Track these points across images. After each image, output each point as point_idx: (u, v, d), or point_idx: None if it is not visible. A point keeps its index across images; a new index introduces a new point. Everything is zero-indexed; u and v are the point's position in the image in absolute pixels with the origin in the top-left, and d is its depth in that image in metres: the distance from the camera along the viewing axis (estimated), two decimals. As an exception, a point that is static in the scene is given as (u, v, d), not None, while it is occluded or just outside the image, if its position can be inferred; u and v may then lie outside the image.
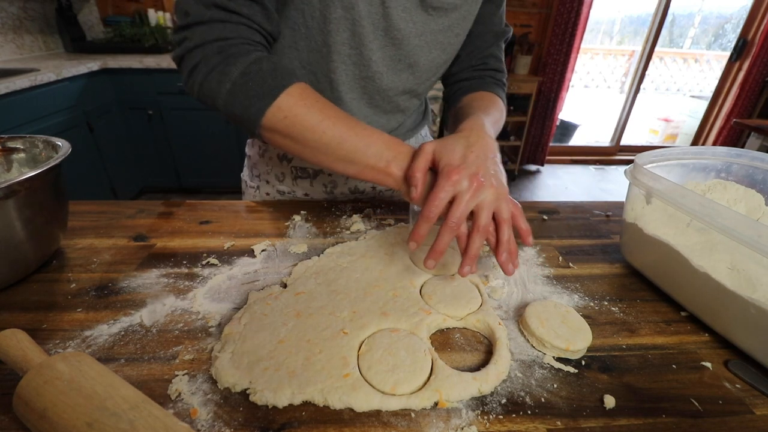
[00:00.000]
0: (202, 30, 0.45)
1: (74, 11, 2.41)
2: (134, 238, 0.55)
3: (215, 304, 0.43)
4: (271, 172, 0.73)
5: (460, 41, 0.63)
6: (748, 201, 0.53)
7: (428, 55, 0.60)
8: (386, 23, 0.54)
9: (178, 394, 0.33)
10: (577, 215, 0.68)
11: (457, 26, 0.60)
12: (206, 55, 0.46)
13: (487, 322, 0.41)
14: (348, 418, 0.32)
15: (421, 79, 0.64)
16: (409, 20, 0.55)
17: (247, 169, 0.79)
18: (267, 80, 0.45)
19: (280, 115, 0.46)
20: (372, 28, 0.54)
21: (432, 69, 0.63)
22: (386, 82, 0.61)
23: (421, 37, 0.57)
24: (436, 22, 0.57)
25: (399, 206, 0.67)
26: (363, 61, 0.57)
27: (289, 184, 0.73)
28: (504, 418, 0.32)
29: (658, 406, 0.34)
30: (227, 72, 0.45)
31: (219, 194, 2.61)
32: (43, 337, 0.38)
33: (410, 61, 0.60)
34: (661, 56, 5.34)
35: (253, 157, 0.75)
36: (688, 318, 0.45)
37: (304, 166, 0.71)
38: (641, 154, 0.53)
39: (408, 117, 0.73)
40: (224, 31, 0.45)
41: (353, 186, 0.74)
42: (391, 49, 0.57)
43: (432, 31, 0.58)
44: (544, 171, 3.52)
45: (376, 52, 0.57)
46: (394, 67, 0.60)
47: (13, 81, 1.57)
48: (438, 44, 0.60)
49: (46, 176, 0.44)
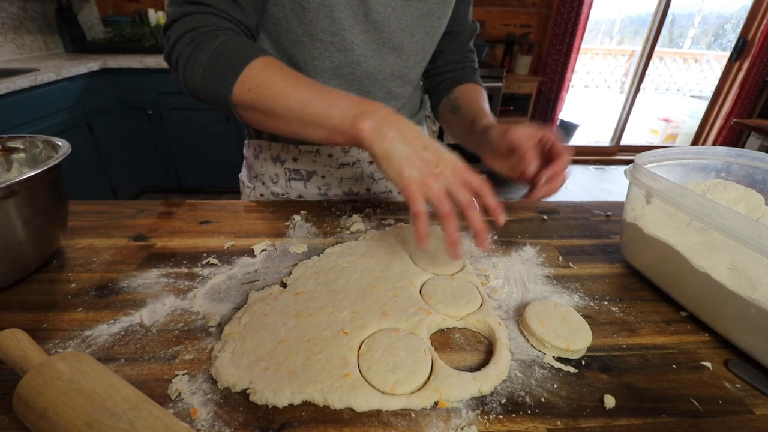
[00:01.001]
0: (177, 26, 0.49)
1: (74, 11, 2.41)
2: (134, 238, 0.55)
3: (215, 304, 0.43)
4: (266, 173, 0.73)
5: (442, 24, 0.64)
6: (748, 201, 0.53)
7: (412, 38, 0.61)
8: (365, 8, 0.55)
9: (178, 394, 0.33)
10: (577, 215, 0.68)
11: (438, 10, 0.61)
12: (181, 48, 0.48)
13: (487, 322, 0.41)
14: (348, 418, 0.32)
15: (408, 62, 0.64)
16: (388, 5, 0.56)
17: (245, 169, 0.79)
18: (231, 58, 0.47)
19: (244, 89, 0.47)
20: (351, 12, 0.55)
21: (419, 52, 0.64)
22: (372, 66, 0.61)
23: (401, 20, 0.58)
24: (415, 7, 0.58)
25: (399, 206, 0.67)
26: (346, 46, 0.58)
27: (282, 186, 0.73)
28: (504, 418, 0.32)
29: (658, 406, 0.34)
30: (198, 59, 0.48)
31: (219, 194, 2.61)
32: (43, 337, 0.38)
33: (394, 43, 0.60)
34: (661, 56, 5.34)
35: (249, 158, 0.75)
36: (688, 318, 0.45)
37: (297, 168, 0.71)
38: (641, 154, 0.53)
39: (403, 106, 0.72)
40: (193, 22, 0.48)
41: (347, 188, 0.74)
42: (373, 33, 0.58)
43: (412, 16, 0.59)
44: (544, 171, 3.51)
45: (358, 36, 0.57)
46: (378, 50, 0.60)
47: (13, 81, 1.57)
48: (421, 28, 0.61)
49: (46, 176, 0.44)
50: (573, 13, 2.87)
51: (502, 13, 2.93)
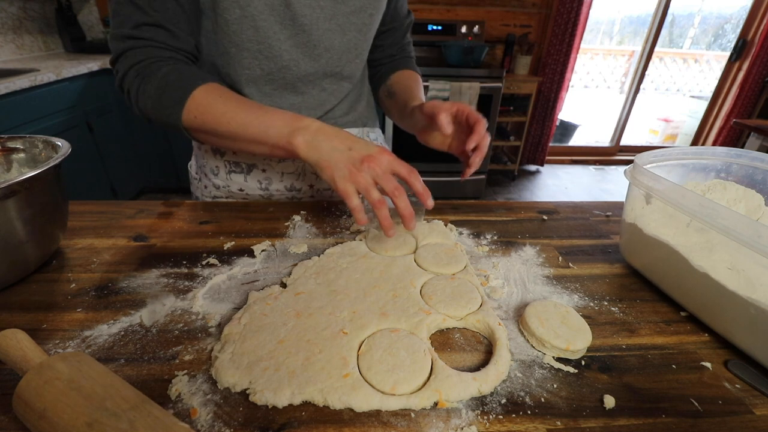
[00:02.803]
0: (121, 61, 0.54)
1: (74, 11, 2.41)
2: (134, 238, 0.55)
3: (215, 304, 0.43)
4: (207, 165, 0.73)
5: (375, 21, 0.65)
6: (748, 201, 0.53)
7: (343, 38, 0.62)
8: (291, 12, 0.55)
9: (178, 394, 0.33)
10: (577, 215, 0.68)
11: (370, 6, 0.61)
12: (130, 81, 0.53)
13: (487, 322, 0.41)
14: (348, 418, 0.32)
15: (341, 61, 0.65)
16: (315, 6, 0.56)
17: (193, 158, 0.79)
18: (175, 89, 0.52)
19: (191, 116, 0.52)
20: (276, 19, 0.55)
21: (351, 50, 0.65)
22: (304, 69, 0.62)
23: (331, 20, 0.59)
24: (346, 5, 0.59)
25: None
26: (273, 53, 0.58)
27: (223, 178, 0.72)
28: (504, 418, 0.32)
29: (658, 406, 0.34)
30: (146, 90, 0.53)
31: (219, 194, 2.61)
32: (43, 337, 0.38)
33: (325, 45, 0.61)
34: (660, 56, 5.34)
35: (195, 148, 0.76)
36: (688, 318, 0.45)
37: (237, 161, 0.71)
38: (641, 154, 0.53)
39: (339, 101, 0.71)
40: (136, 56, 0.53)
41: (290, 184, 0.73)
42: (301, 36, 0.58)
43: (343, 14, 0.59)
44: (544, 171, 3.52)
45: (285, 42, 0.58)
46: (309, 53, 0.61)
47: (13, 81, 1.56)
48: (352, 26, 0.61)
49: (46, 176, 0.44)
50: (573, 13, 2.87)
51: (502, 14, 2.93)
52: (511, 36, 2.85)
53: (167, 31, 0.53)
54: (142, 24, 0.52)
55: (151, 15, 0.52)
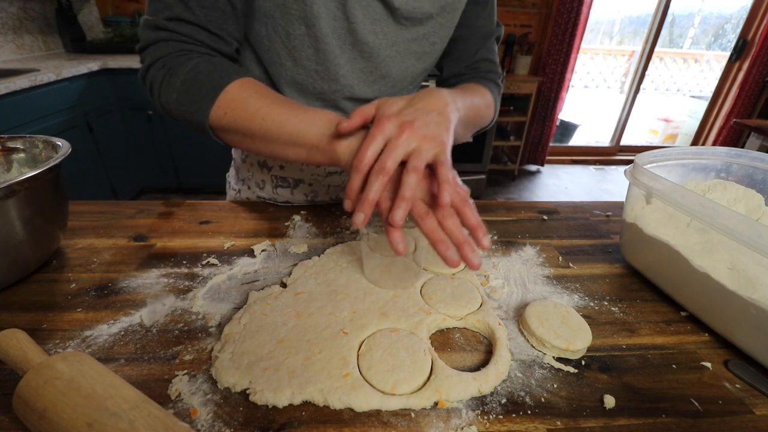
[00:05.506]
0: (151, 51, 0.48)
1: (74, 11, 2.41)
2: (134, 238, 0.55)
3: (215, 304, 0.43)
4: (252, 178, 0.72)
5: (438, 49, 0.62)
6: (748, 201, 0.53)
7: (401, 65, 0.60)
8: (353, 38, 0.53)
9: (178, 394, 0.33)
10: (577, 215, 0.68)
11: (434, 35, 0.59)
12: (154, 73, 0.48)
13: (487, 322, 0.41)
14: (348, 418, 0.32)
15: (396, 87, 0.63)
16: (379, 32, 0.54)
17: (232, 169, 0.78)
18: (205, 83, 0.46)
19: (220, 113, 0.46)
20: (338, 42, 0.53)
21: (408, 77, 0.62)
22: (358, 94, 0.60)
23: (392, 47, 0.57)
24: (409, 32, 0.56)
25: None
26: (330, 75, 0.56)
27: (269, 192, 0.72)
28: (504, 418, 0.32)
29: (658, 406, 0.34)
30: (172, 83, 0.47)
31: (219, 194, 2.61)
32: (43, 337, 0.38)
33: (382, 72, 0.59)
34: (661, 56, 5.34)
35: (237, 160, 0.75)
36: (688, 318, 0.45)
37: (284, 176, 0.70)
38: (641, 154, 0.53)
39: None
40: (167, 48, 0.47)
41: (335, 195, 0.73)
42: (360, 62, 0.57)
43: (405, 41, 0.57)
44: (544, 171, 3.52)
45: (344, 67, 0.56)
46: (365, 79, 0.59)
47: (13, 81, 1.57)
48: (412, 53, 0.59)
49: (46, 176, 0.44)
50: (573, 13, 2.87)
51: (502, 14, 2.93)
52: (511, 36, 2.86)
53: (210, 33, 0.48)
54: (181, 20, 0.46)
55: (196, 13, 0.46)
